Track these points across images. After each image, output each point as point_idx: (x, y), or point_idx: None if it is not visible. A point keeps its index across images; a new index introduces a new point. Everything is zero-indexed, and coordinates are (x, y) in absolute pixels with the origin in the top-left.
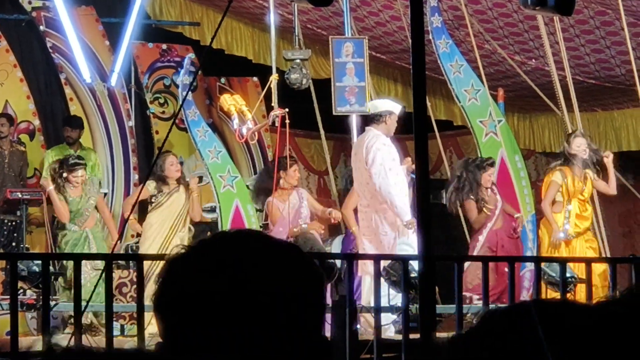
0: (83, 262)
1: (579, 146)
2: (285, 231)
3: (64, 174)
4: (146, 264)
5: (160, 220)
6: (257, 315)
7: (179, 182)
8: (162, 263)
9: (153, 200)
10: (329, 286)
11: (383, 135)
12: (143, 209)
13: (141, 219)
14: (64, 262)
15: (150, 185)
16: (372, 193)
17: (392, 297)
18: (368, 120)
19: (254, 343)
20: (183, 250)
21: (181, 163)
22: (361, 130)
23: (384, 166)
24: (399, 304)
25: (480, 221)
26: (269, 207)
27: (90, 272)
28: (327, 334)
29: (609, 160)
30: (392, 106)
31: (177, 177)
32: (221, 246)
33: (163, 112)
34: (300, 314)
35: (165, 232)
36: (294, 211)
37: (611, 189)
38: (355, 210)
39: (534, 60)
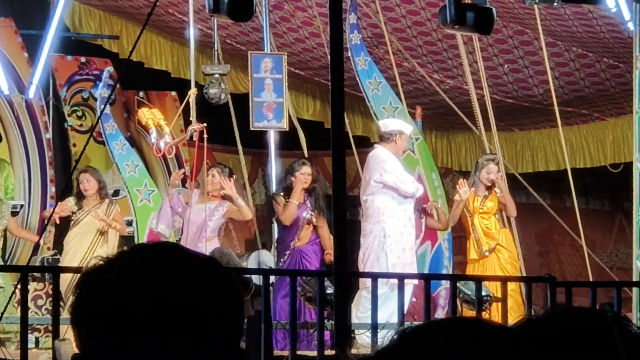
0: None
1: (489, 174)
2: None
3: None
4: (67, 279)
5: (78, 237)
6: (176, 327)
7: (104, 197)
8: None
9: (73, 217)
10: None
11: (387, 154)
12: (66, 224)
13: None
14: None
15: (70, 201)
16: (364, 209)
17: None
18: (378, 138)
19: (173, 354)
20: (101, 262)
21: None
22: (278, 145)
23: (378, 183)
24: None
25: None
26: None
27: None
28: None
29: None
30: (402, 126)
31: (92, 194)
32: (140, 258)
33: (81, 125)
34: (218, 325)
35: (84, 249)
36: (204, 212)
37: (510, 211)
38: None
39: (451, 80)
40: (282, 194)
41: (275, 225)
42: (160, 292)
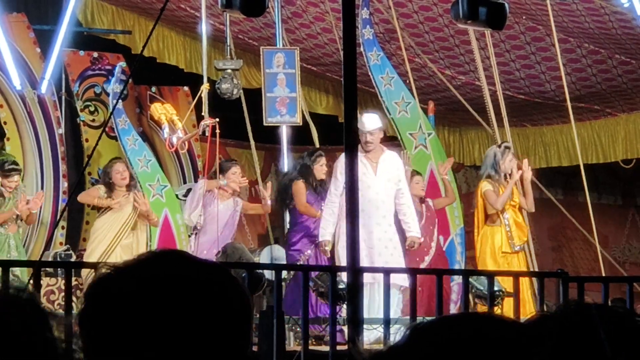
0: None
1: (511, 160)
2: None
3: None
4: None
5: (105, 226)
6: (183, 334)
7: (129, 190)
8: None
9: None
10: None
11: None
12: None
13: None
14: None
15: (101, 189)
16: None
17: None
18: None
19: None
20: (109, 271)
21: None
22: (291, 140)
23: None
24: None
25: None
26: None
27: None
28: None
29: (527, 176)
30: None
31: (126, 185)
32: (148, 267)
33: (93, 120)
34: (225, 333)
35: (109, 239)
36: (225, 215)
37: (529, 205)
38: None
39: (463, 76)
40: (302, 180)
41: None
42: (167, 299)
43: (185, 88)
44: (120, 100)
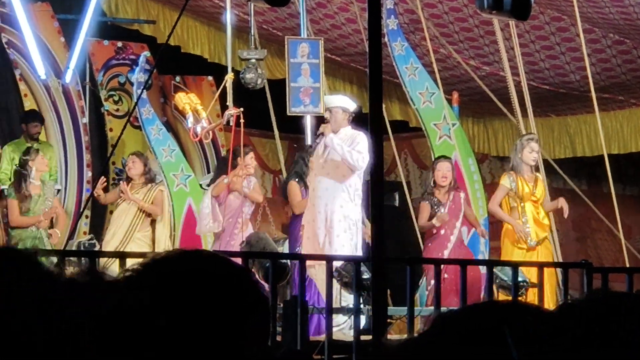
0: None
1: (531, 152)
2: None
3: (30, 164)
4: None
5: (121, 217)
6: (202, 336)
7: (149, 181)
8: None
9: (120, 197)
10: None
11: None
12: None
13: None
14: None
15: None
16: None
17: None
18: None
19: None
20: (129, 274)
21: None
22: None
23: None
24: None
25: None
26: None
27: None
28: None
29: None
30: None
31: (139, 176)
32: (169, 267)
33: (117, 110)
34: (244, 336)
35: (124, 228)
36: (240, 198)
37: (547, 207)
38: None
39: (488, 66)
40: (296, 179)
41: None
42: (186, 302)
43: (210, 78)
44: (144, 90)
